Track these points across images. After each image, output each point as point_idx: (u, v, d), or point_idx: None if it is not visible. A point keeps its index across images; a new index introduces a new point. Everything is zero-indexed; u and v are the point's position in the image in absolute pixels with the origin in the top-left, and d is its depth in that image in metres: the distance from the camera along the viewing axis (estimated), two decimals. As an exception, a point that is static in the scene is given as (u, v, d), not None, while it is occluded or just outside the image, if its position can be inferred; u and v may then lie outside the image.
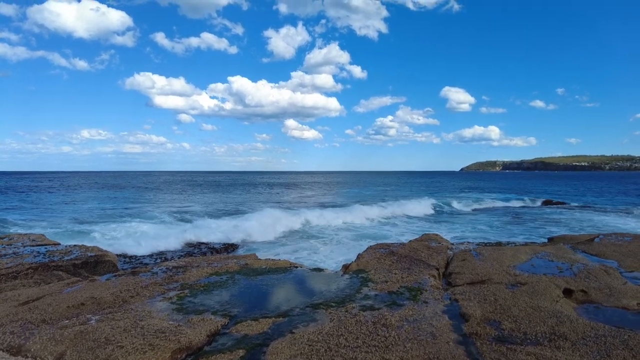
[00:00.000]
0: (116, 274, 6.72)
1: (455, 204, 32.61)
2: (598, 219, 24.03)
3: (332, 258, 12.32)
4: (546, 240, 10.52)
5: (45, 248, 8.84)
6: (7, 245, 9.09)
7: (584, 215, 25.52)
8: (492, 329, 4.04)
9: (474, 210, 30.74)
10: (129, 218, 22.66)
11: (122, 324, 4.12)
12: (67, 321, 4.26)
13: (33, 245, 9.11)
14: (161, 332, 3.95)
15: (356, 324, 4.19)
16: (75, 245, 9.16)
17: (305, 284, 5.94)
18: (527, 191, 51.08)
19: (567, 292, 5.25)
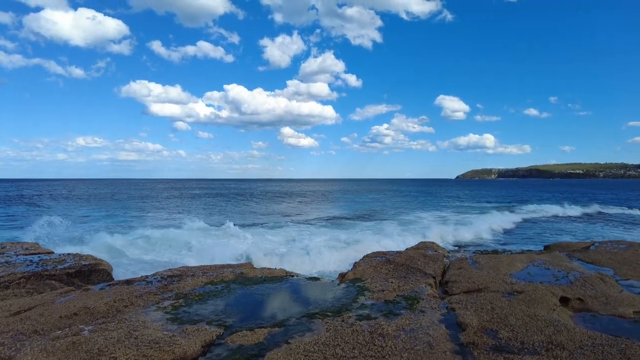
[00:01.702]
0: (110, 283, 6.64)
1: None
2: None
3: (328, 267, 12.25)
4: (542, 248, 10.53)
5: (39, 257, 8.73)
6: (0, 254, 8.97)
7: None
8: (489, 338, 4.02)
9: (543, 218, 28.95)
10: (126, 229, 22.48)
11: (116, 334, 4.06)
12: (59, 332, 4.19)
13: (26, 254, 9.00)
14: (155, 342, 3.90)
15: (353, 333, 4.15)
16: (69, 254, 9.05)
17: (301, 293, 5.90)
18: (543, 199, 50.64)
19: (564, 301, 5.24)
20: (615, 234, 20.93)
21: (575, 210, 34.06)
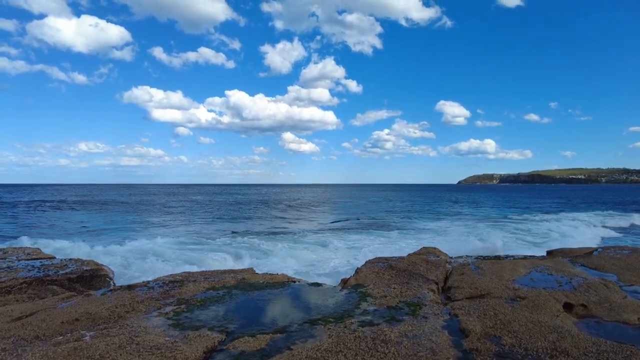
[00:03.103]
0: (112, 288, 6.63)
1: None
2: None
3: (330, 272, 12.21)
4: (545, 254, 10.48)
5: (40, 262, 8.73)
6: (2, 259, 8.98)
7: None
8: (493, 344, 4.00)
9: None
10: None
11: (117, 340, 4.05)
12: (61, 337, 4.18)
13: (28, 259, 9.01)
14: (157, 348, 3.88)
15: (355, 340, 4.13)
16: (70, 259, 9.06)
17: (303, 299, 5.88)
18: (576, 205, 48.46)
19: (567, 307, 5.21)
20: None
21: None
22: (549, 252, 10.02)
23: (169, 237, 20.31)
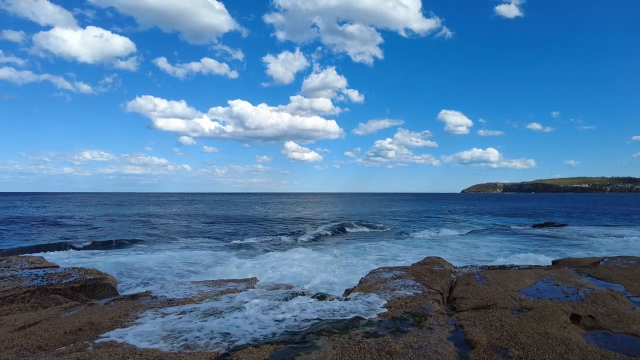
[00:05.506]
0: (115, 297, 6.62)
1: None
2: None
3: (334, 282, 12.11)
4: (550, 263, 10.38)
5: (44, 271, 8.74)
6: (5, 267, 9.00)
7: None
8: (499, 356, 3.94)
9: None
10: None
11: (120, 350, 4.03)
12: (63, 347, 4.17)
13: (31, 268, 9.02)
14: (160, 359, 3.85)
15: (360, 351, 4.09)
16: (74, 268, 9.06)
17: (307, 309, 5.82)
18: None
19: (575, 318, 5.14)
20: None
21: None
22: (555, 262, 9.92)
23: (173, 246, 20.30)
